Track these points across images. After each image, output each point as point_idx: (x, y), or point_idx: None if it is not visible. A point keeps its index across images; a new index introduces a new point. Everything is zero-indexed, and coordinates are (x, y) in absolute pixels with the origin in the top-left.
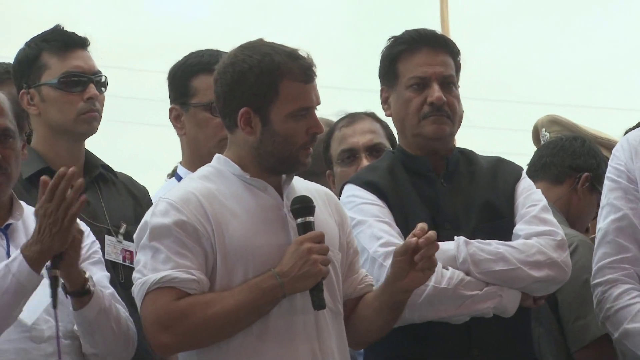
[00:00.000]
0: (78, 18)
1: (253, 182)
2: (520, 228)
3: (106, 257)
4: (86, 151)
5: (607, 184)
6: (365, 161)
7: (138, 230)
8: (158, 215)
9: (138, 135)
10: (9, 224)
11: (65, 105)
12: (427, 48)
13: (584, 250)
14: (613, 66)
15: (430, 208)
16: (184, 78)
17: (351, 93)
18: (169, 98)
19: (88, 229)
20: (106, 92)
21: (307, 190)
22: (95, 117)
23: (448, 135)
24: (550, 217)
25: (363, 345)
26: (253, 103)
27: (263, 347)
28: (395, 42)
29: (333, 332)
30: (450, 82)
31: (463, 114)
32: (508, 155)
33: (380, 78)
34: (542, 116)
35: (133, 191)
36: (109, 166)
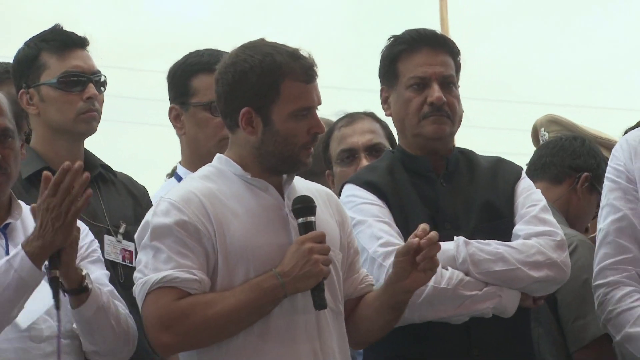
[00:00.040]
0: (78, 18)
1: (254, 182)
2: (519, 228)
3: (105, 257)
4: (85, 151)
5: (607, 185)
6: (364, 161)
7: (139, 229)
8: (159, 215)
9: (137, 135)
10: (8, 224)
11: (64, 105)
12: (427, 48)
13: (584, 250)
14: (613, 66)
15: (429, 208)
16: (184, 78)
17: (350, 93)
18: (169, 98)
19: (87, 228)
20: (106, 92)
21: (308, 190)
22: (94, 117)
23: (448, 135)
24: (549, 218)
25: (364, 345)
26: (254, 103)
27: (264, 347)
28: (395, 42)
29: (334, 332)
30: (450, 82)
31: (463, 114)
32: (508, 155)
33: (380, 78)
34: (541, 116)
35: (132, 191)
36: (109, 166)
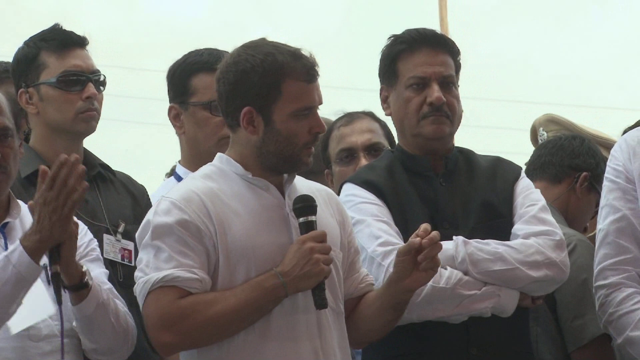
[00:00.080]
0: (77, 17)
1: (255, 182)
2: (518, 228)
3: (105, 256)
4: (84, 150)
5: (606, 185)
6: (363, 160)
7: (140, 229)
8: (160, 214)
9: (137, 134)
10: (7, 223)
11: (64, 104)
12: (427, 48)
13: (583, 249)
14: (612, 66)
15: (429, 207)
16: (184, 77)
17: (349, 92)
18: (168, 97)
19: (85, 227)
20: (105, 91)
21: (309, 189)
22: (93, 116)
23: (447, 135)
24: (548, 217)
25: (364, 344)
26: (256, 102)
27: (265, 346)
28: (395, 41)
29: (335, 331)
30: (450, 82)
31: (462, 114)
32: (507, 154)
33: (379, 77)
34: (540, 115)
35: (131, 190)
36: (108, 165)
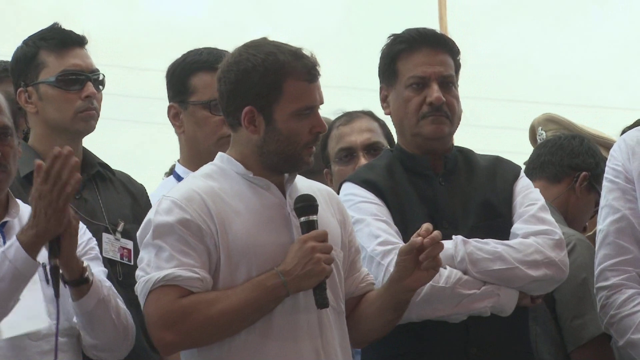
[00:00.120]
0: (77, 16)
1: (256, 181)
2: (518, 227)
3: (104, 255)
4: (84, 149)
5: (606, 185)
6: (363, 160)
7: (141, 228)
8: (161, 213)
9: (136, 133)
10: (5, 222)
11: (63, 103)
12: (427, 47)
13: (582, 249)
14: (611, 65)
15: (428, 207)
16: (183, 76)
17: (348, 91)
18: (168, 96)
19: (84, 226)
20: (104, 90)
21: (310, 188)
22: (92, 116)
23: (447, 135)
24: (548, 217)
25: (365, 343)
26: (257, 102)
27: (266, 346)
28: (395, 41)
29: (336, 331)
30: (449, 82)
31: (462, 114)
32: (506, 154)
33: (379, 76)
34: (539, 115)
35: (131, 189)
36: (107, 164)
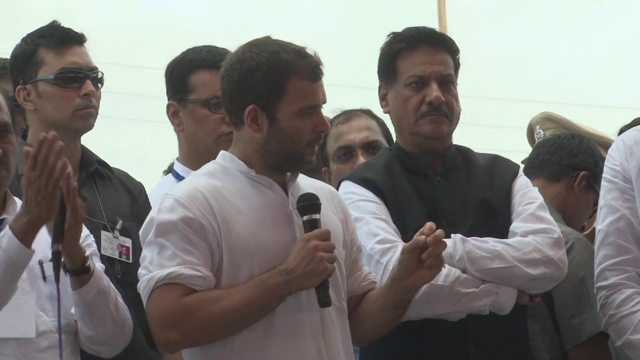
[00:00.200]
0: (77, 16)
1: (258, 179)
2: (516, 226)
3: (102, 253)
4: (82, 147)
5: (604, 185)
6: (361, 158)
7: (144, 226)
8: (164, 211)
9: (135, 131)
10: (3, 219)
11: (61, 101)
12: (427, 47)
13: (580, 248)
14: (611, 65)
15: (427, 205)
16: (182, 74)
17: (349, 90)
18: (167, 94)
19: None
20: (104, 89)
21: (312, 187)
22: (91, 114)
23: (446, 134)
24: (546, 215)
25: (367, 342)
26: (260, 101)
27: (268, 344)
28: (394, 40)
29: (338, 329)
30: (449, 81)
31: (460, 113)
32: (505, 152)
33: (378, 75)
34: (537, 114)
35: (129, 187)
36: (105, 162)
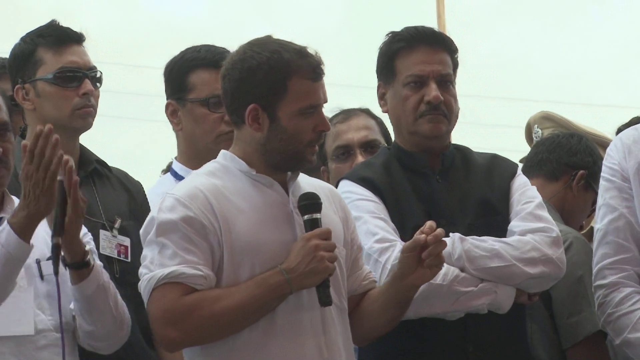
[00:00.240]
0: (77, 16)
1: (259, 179)
2: (515, 225)
3: (101, 252)
4: (81, 146)
5: (603, 184)
6: (360, 157)
7: (145, 225)
8: (165, 210)
9: (137, 131)
10: (0, 218)
11: (60, 100)
12: (426, 46)
13: (578, 246)
14: (611, 65)
15: (425, 204)
16: (181, 73)
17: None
18: (166, 93)
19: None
20: (103, 88)
21: (312, 186)
22: (90, 113)
23: (444, 133)
24: (545, 214)
25: (367, 341)
26: (261, 100)
27: (269, 343)
28: (393, 39)
29: (339, 328)
30: (447, 81)
31: (459, 112)
32: (505, 152)
33: (377, 74)
34: (535, 113)
35: (127, 186)
36: (104, 161)
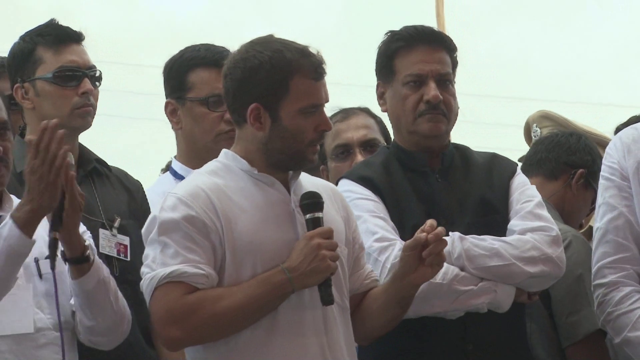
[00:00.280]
0: (77, 15)
1: (261, 178)
2: (514, 224)
3: (100, 251)
4: (80, 145)
5: (602, 183)
6: (359, 156)
7: (146, 224)
8: (167, 210)
9: (137, 131)
10: (0, 216)
11: (59, 99)
12: (425, 45)
13: (578, 245)
14: (611, 64)
15: (425, 203)
16: (180, 72)
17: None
18: (165, 92)
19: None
20: (102, 87)
21: (314, 185)
22: (89, 112)
23: (444, 133)
24: (544, 213)
25: (369, 340)
26: (263, 99)
27: (271, 342)
28: (392, 38)
29: (341, 327)
30: (446, 80)
31: (458, 111)
32: (505, 151)
33: (376, 73)
34: (534, 112)
35: (127, 185)
36: (103, 160)
